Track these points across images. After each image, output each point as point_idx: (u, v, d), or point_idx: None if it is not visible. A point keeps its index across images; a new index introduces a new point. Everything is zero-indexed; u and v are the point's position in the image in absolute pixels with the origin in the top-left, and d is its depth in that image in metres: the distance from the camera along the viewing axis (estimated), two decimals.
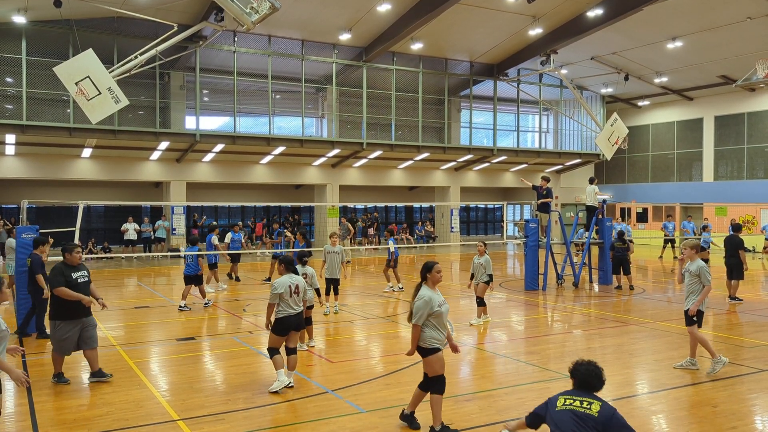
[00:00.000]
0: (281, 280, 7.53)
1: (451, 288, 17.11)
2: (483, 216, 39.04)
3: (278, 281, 7.51)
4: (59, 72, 13.99)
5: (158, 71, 22.62)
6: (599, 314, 12.98)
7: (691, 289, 8.40)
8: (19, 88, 20.82)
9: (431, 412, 6.15)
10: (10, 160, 23.61)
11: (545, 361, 8.99)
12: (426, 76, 28.21)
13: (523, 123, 32.54)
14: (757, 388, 7.66)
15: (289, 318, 7.48)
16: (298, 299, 7.57)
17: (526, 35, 25.46)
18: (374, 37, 25.21)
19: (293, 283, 7.55)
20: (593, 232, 17.65)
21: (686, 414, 6.76)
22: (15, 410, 6.97)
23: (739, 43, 24.71)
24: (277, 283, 7.48)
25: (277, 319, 7.47)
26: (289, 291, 7.47)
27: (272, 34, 24.60)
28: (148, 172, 25.96)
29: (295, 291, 7.53)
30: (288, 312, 7.46)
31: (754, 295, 15.40)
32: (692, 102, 32.65)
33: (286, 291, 7.44)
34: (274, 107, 25.74)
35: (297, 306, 7.56)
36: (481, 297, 11.70)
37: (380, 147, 27.16)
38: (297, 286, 7.57)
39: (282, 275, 7.65)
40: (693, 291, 8.38)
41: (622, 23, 23.23)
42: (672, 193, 32.90)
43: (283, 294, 7.42)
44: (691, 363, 8.50)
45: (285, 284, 7.47)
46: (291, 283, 7.53)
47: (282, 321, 7.46)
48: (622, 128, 22.96)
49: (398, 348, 10.12)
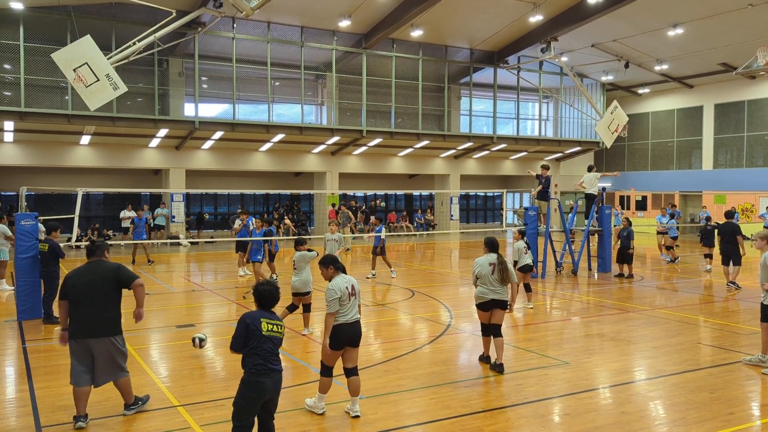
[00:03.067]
0: (337, 281, 6.26)
1: (450, 275, 17.16)
2: (483, 204, 39.04)
3: (334, 283, 6.24)
4: (57, 58, 13.91)
5: (157, 58, 22.54)
6: (598, 301, 13.02)
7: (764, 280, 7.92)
8: (17, 75, 20.72)
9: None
10: (8, 147, 23.55)
11: (544, 348, 9.03)
12: (426, 64, 28.10)
13: (523, 111, 32.46)
14: (755, 375, 7.70)
15: (345, 327, 6.19)
16: (354, 303, 6.29)
17: (526, 22, 25.33)
18: (374, 23, 25.08)
19: (348, 283, 6.29)
20: (593, 219, 17.65)
21: (684, 400, 6.80)
22: (15, 396, 7.01)
23: (740, 30, 24.60)
24: (334, 286, 6.19)
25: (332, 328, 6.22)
26: (347, 294, 6.22)
27: (271, 21, 24.47)
28: (147, 160, 25.92)
29: (351, 293, 6.27)
30: (344, 319, 6.19)
31: (752, 283, 15.43)
32: (692, 90, 32.55)
33: (345, 294, 6.20)
34: (273, 94, 25.65)
35: (354, 312, 6.27)
36: (526, 283, 12.25)
37: (380, 134, 27.10)
38: (353, 287, 6.31)
39: (331, 277, 6.38)
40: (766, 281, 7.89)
41: (622, 10, 23.12)
42: (671, 181, 32.89)
43: (341, 298, 6.17)
44: (760, 360, 8.02)
45: (342, 286, 6.21)
46: (347, 284, 6.27)
47: (336, 331, 6.18)
48: (622, 116, 22.90)
49: (397, 335, 10.17)
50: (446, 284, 15.32)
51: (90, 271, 6.13)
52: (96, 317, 5.96)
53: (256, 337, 5.12)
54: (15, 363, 8.39)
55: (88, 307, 5.96)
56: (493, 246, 8.05)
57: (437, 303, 12.62)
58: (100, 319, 5.98)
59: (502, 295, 7.91)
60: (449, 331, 10.12)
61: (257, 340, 5.11)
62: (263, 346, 5.12)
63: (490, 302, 7.90)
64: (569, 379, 7.52)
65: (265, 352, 5.13)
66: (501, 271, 7.87)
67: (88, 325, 5.94)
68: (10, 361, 8.49)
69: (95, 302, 5.98)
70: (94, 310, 5.96)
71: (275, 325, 5.23)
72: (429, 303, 12.69)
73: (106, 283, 6.06)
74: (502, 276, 7.86)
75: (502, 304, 7.94)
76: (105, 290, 6.05)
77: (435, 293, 13.70)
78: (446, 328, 10.33)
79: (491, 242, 8.10)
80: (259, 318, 5.20)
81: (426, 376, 7.62)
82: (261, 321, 5.17)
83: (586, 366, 8.08)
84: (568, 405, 6.67)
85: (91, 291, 5.98)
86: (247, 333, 5.13)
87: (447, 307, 12.07)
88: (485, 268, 7.88)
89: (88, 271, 6.13)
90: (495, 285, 7.86)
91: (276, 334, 5.21)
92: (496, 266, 7.87)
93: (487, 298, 7.87)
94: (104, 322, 6.00)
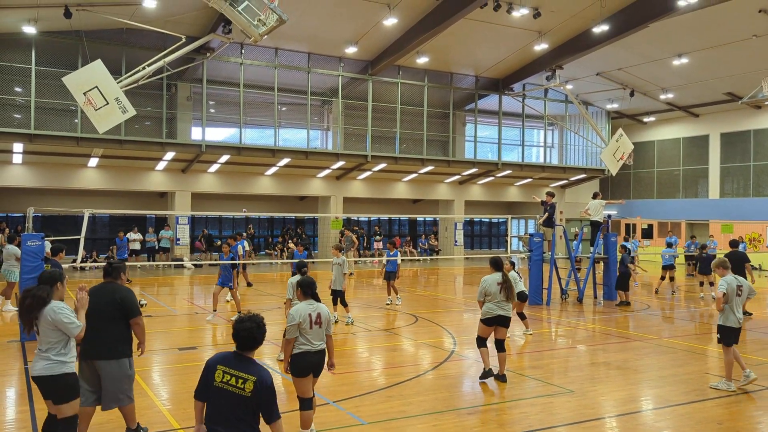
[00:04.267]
0: (300, 307, 6.06)
1: (454, 301, 17.06)
2: (487, 230, 38.98)
3: (296, 309, 6.04)
4: (68, 82, 14.11)
5: (165, 82, 22.80)
6: (603, 329, 12.90)
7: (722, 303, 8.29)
8: (28, 98, 20.98)
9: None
10: (17, 169, 23.74)
11: (548, 376, 8.93)
12: (431, 90, 28.32)
13: (528, 137, 32.58)
14: (763, 406, 7.59)
15: (307, 355, 5.98)
16: (319, 332, 6.04)
17: (531, 50, 25.56)
18: (380, 50, 25.36)
19: (314, 311, 6.06)
20: (600, 248, 17.58)
21: (691, 430, 6.69)
22: (16, 417, 6.96)
23: (745, 60, 24.75)
24: (294, 312, 6.01)
25: (293, 356, 5.99)
26: (310, 321, 6.00)
27: (279, 47, 24.78)
28: (153, 182, 26.06)
29: (316, 321, 6.03)
30: (307, 347, 5.98)
31: (760, 313, 15.29)
32: (698, 119, 32.65)
33: (306, 321, 5.99)
34: (279, 119, 25.86)
35: (318, 341, 6.03)
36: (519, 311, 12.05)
37: (385, 159, 27.21)
38: (319, 315, 6.05)
39: (300, 301, 6.22)
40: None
41: (627, 39, 23.31)
42: (678, 209, 32.80)
43: (301, 324, 5.98)
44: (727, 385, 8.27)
45: (304, 312, 6.00)
46: (312, 311, 6.06)
47: (299, 358, 5.98)
48: (627, 144, 22.97)
49: (400, 360, 10.08)
50: (450, 310, 15.23)
51: (100, 293, 6.02)
52: (102, 338, 5.83)
53: (208, 386, 4.22)
54: (16, 384, 8.35)
55: (95, 328, 5.79)
56: (498, 265, 8.58)
57: (441, 329, 12.53)
58: (105, 341, 5.84)
59: (508, 311, 8.50)
60: (453, 357, 10.03)
61: (209, 390, 4.21)
62: (213, 401, 4.19)
63: (496, 318, 8.46)
64: (574, 407, 7.42)
65: (213, 410, 4.19)
66: (507, 290, 8.43)
67: (94, 346, 5.82)
68: (12, 382, 8.45)
69: (101, 324, 5.84)
70: (100, 332, 5.83)
71: (235, 377, 4.14)
72: (432, 329, 12.60)
73: (111, 306, 5.93)
74: (508, 294, 8.43)
75: (507, 321, 8.56)
76: (112, 313, 5.91)
77: (438, 319, 13.61)
78: (450, 354, 10.25)
79: (497, 262, 8.62)
80: (217, 364, 4.22)
81: (429, 402, 7.53)
82: (217, 368, 4.19)
83: (592, 395, 7.98)
84: None
85: (98, 312, 5.84)
86: (206, 378, 4.24)
87: (451, 333, 11.98)
88: (493, 287, 8.42)
89: (98, 292, 6.03)
90: (501, 302, 8.42)
91: (231, 389, 4.13)
92: (503, 285, 8.43)
93: (494, 314, 8.45)
94: (109, 344, 5.85)
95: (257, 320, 4.31)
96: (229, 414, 4.14)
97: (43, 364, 5.05)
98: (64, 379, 5.03)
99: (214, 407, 4.18)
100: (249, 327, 4.23)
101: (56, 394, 5.01)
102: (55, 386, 5.02)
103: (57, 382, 5.04)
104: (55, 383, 5.02)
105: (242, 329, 4.23)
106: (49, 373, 5.00)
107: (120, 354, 5.90)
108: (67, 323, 5.12)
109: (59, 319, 5.11)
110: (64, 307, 5.16)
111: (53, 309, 5.13)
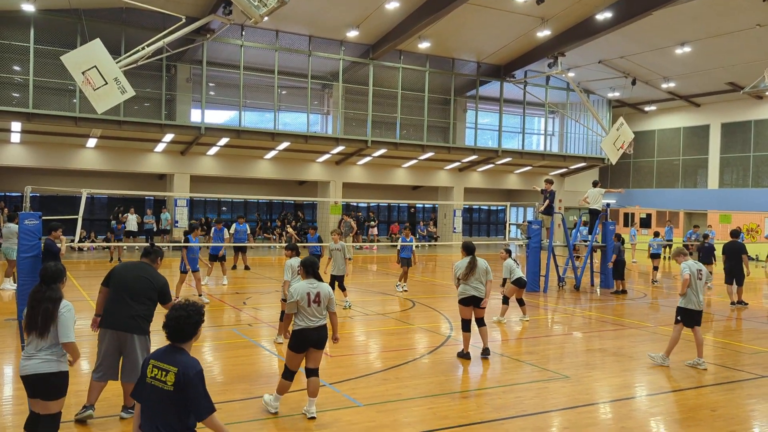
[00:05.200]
0: (299, 285, 6.36)
1: (451, 288, 17.08)
2: (486, 217, 38.98)
3: (295, 287, 6.36)
4: (66, 61, 13.99)
5: (165, 63, 22.66)
6: (600, 317, 12.95)
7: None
8: (26, 77, 20.84)
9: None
10: (15, 148, 23.65)
11: (544, 362, 8.96)
12: (432, 76, 28.18)
13: (529, 125, 32.49)
14: (757, 394, 7.63)
15: (307, 331, 6.26)
16: (319, 309, 6.33)
17: (534, 37, 25.41)
18: (382, 34, 25.19)
19: (314, 289, 6.33)
20: (597, 235, 17.59)
21: (685, 417, 6.73)
22: (13, 394, 6.98)
23: (748, 50, 24.63)
24: (293, 290, 6.34)
25: (293, 332, 6.34)
26: (308, 299, 6.28)
27: (280, 29, 24.61)
28: (152, 164, 25.99)
29: (315, 300, 6.31)
30: (306, 324, 6.26)
31: (756, 303, 15.35)
32: (699, 108, 32.56)
33: (304, 299, 6.28)
34: (279, 102, 25.73)
35: (317, 317, 6.31)
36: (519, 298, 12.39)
37: (385, 145, 27.14)
38: (318, 294, 6.33)
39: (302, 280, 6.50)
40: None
41: (630, 27, 23.17)
42: (676, 199, 32.81)
43: (300, 302, 6.29)
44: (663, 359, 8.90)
45: (303, 291, 6.28)
46: (311, 289, 6.32)
47: (298, 334, 6.29)
48: (628, 133, 22.89)
49: (397, 345, 10.12)
50: (447, 296, 15.25)
51: (139, 268, 6.21)
52: (132, 313, 5.97)
53: (143, 383, 3.93)
54: (14, 362, 8.37)
55: (127, 301, 5.99)
56: (469, 249, 8.99)
57: (438, 314, 12.57)
58: (135, 316, 5.98)
59: (480, 292, 8.83)
60: (449, 342, 10.06)
61: (144, 388, 3.91)
62: (144, 400, 3.90)
63: (471, 298, 8.82)
64: (569, 393, 7.45)
65: (143, 410, 3.89)
66: (474, 270, 8.80)
67: (122, 318, 5.96)
68: (9, 360, 8.48)
69: (136, 298, 6.01)
70: (132, 306, 5.98)
71: (159, 370, 3.83)
72: (429, 314, 12.64)
73: (150, 286, 6.11)
74: (476, 274, 8.81)
75: (480, 301, 8.86)
76: (149, 292, 6.10)
77: (436, 305, 13.65)
78: (446, 339, 10.28)
79: (468, 246, 9.05)
80: (151, 358, 3.96)
81: (425, 385, 7.57)
82: (149, 362, 3.92)
83: (587, 380, 8.02)
84: (568, 419, 6.61)
85: (135, 286, 6.04)
86: (142, 375, 3.97)
87: (447, 319, 12.02)
88: (463, 270, 8.82)
89: (136, 268, 6.22)
90: (474, 283, 8.80)
91: (156, 383, 3.81)
92: (471, 266, 8.81)
93: (468, 294, 8.81)
94: (138, 319, 6.00)
95: (190, 309, 3.96)
96: (153, 413, 3.79)
97: (40, 361, 4.89)
98: (60, 377, 4.95)
99: (144, 406, 3.88)
100: (176, 316, 3.92)
101: (50, 392, 4.90)
102: (50, 384, 4.90)
103: (57, 378, 4.92)
104: (50, 381, 4.90)
105: (170, 318, 3.94)
106: (47, 371, 4.90)
107: (144, 331, 6.06)
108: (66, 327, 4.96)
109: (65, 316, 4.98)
110: (71, 309, 5.07)
111: (65, 306, 5.03)
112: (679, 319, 8.80)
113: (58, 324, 4.95)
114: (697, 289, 8.70)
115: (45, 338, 4.92)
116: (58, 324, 4.95)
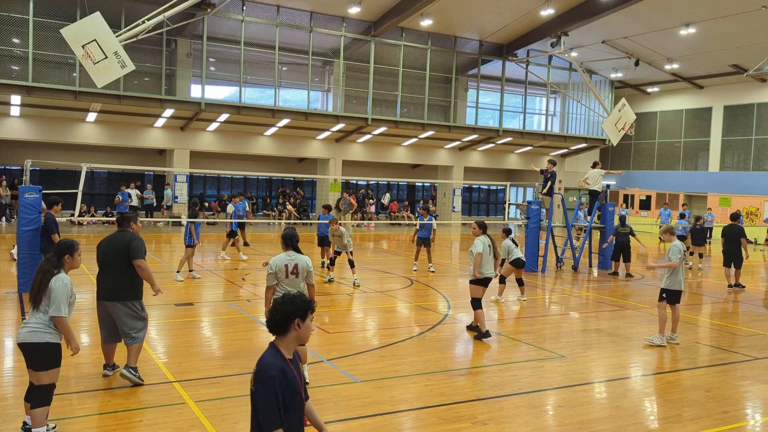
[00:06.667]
0: (277, 258, 6.50)
1: (450, 266, 17.15)
2: (486, 197, 38.97)
3: (274, 260, 6.49)
4: (66, 34, 13.85)
5: (165, 38, 22.48)
6: (597, 298, 13.01)
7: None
8: (26, 49, 20.68)
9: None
10: (14, 121, 23.55)
11: (540, 341, 9.04)
12: (434, 54, 27.97)
13: (530, 105, 32.33)
14: (751, 375, 7.70)
15: None
16: (296, 281, 6.46)
17: (537, 16, 25.18)
18: (384, 11, 24.95)
19: (291, 261, 6.47)
20: (594, 217, 17.62)
21: (679, 397, 6.80)
22: (13, 366, 7.04)
23: (753, 32, 24.42)
24: (272, 262, 6.48)
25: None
26: (285, 271, 6.43)
27: (281, 5, 24.35)
28: (152, 139, 25.90)
29: (293, 271, 6.44)
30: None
31: (753, 286, 15.42)
32: (702, 90, 32.37)
33: (281, 271, 6.43)
34: (280, 79, 25.57)
35: (293, 289, 6.34)
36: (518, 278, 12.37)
37: (385, 123, 27.03)
38: (296, 266, 6.47)
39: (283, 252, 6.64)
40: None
41: (634, 7, 22.95)
42: (677, 181, 32.77)
43: (278, 273, 6.45)
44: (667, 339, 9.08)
45: (281, 263, 6.44)
46: (289, 261, 6.46)
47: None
48: (629, 114, 22.79)
49: (395, 322, 10.19)
50: (445, 275, 15.31)
51: (111, 241, 6.60)
52: (111, 283, 6.44)
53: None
54: (13, 334, 8.42)
55: (105, 273, 6.50)
56: (484, 227, 9.20)
57: (436, 293, 12.63)
58: (113, 285, 6.43)
59: (491, 272, 9.15)
60: (446, 320, 10.13)
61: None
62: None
63: (488, 279, 9.08)
64: (565, 372, 7.53)
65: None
66: (493, 250, 9.13)
67: (105, 288, 6.46)
68: (9, 332, 8.53)
69: (110, 269, 6.47)
70: (109, 276, 6.46)
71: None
72: (428, 292, 12.70)
73: (119, 253, 6.46)
74: (495, 254, 9.15)
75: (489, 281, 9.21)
76: (118, 260, 6.45)
77: (434, 283, 13.71)
78: (443, 317, 10.35)
79: (483, 224, 9.22)
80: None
81: (422, 363, 7.63)
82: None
83: (582, 360, 8.09)
84: (563, 397, 6.68)
85: (108, 258, 6.50)
86: None
87: (445, 297, 12.08)
88: (486, 249, 9.00)
89: (110, 241, 6.62)
90: (488, 264, 9.06)
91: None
92: (491, 246, 9.11)
93: (487, 275, 9.02)
94: (117, 288, 6.42)
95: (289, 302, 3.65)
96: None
97: (28, 330, 5.01)
98: (46, 348, 5.02)
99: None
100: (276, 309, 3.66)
101: (36, 361, 5.04)
102: (37, 353, 5.02)
103: (39, 349, 5.03)
104: (37, 351, 5.02)
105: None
106: (32, 340, 5.00)
107: (126, 297, 6.44)
108: (56, 300, 5.03)
109: (57, 290, 5.06)
110: (68, 283, 5.14)
111: (59, 278, 5.12)
112: (664, 297, 9.01)
113: (51, 297, 5.05)
114: (680, 269, 8.94)
115: (37, 309, 5.09)
116: (51, 297, 5.05)
